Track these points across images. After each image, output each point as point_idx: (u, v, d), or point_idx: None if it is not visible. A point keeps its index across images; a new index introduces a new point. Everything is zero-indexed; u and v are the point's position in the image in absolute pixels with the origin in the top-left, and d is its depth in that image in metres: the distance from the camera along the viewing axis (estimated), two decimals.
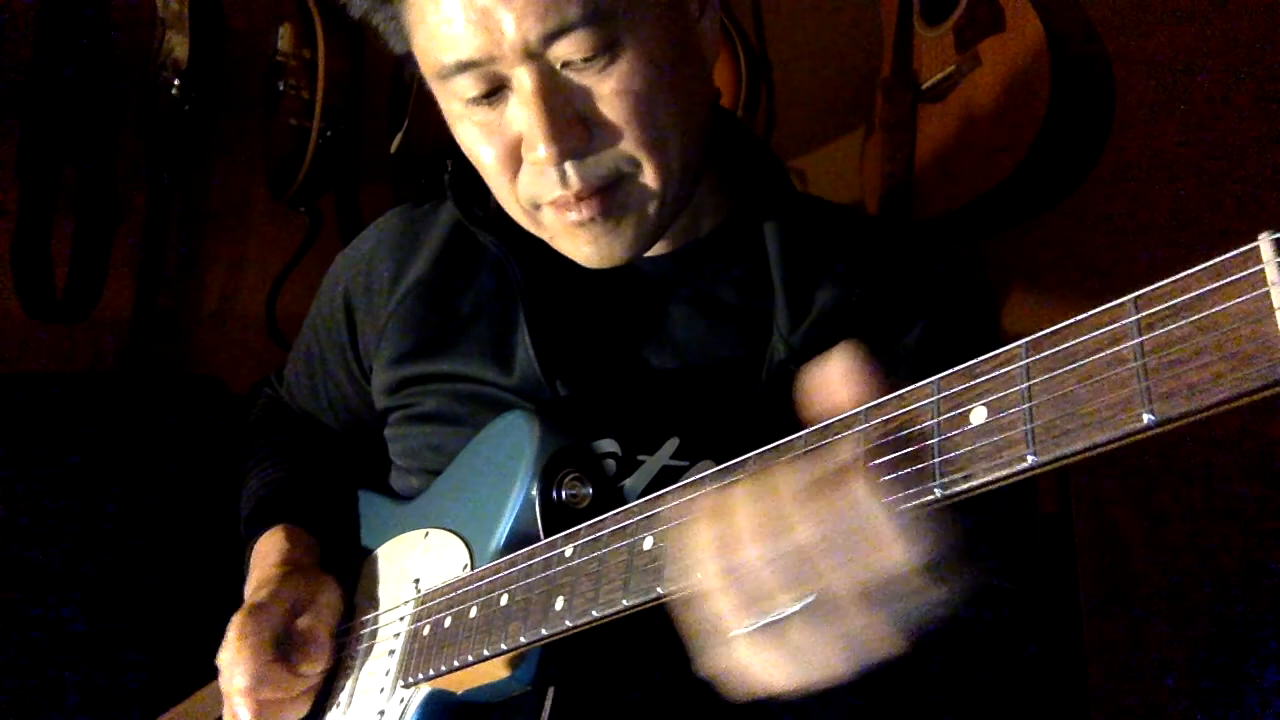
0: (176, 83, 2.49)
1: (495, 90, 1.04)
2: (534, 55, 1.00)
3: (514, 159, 1.08)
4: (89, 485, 2.26)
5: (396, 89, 2.47)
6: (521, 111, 1.04)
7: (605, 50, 1.01)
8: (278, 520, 1.38)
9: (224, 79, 2.64)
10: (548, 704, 1.05)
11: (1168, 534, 2.01)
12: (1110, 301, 0.55)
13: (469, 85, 1.04)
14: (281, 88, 2.47)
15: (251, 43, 2.62)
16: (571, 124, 1.03)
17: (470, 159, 1.13)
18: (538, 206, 1.11)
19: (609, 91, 1.03)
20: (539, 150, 1.03)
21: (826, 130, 2.43)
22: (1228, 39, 2.02)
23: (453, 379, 1.27)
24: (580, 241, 1.12)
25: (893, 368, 0.70)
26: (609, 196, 1.08)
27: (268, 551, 1.33)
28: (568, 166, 1.05)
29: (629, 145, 1.05)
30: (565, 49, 1.00)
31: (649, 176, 1.08)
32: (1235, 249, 0.51)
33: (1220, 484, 1.92)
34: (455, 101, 1.07)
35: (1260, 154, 1.97)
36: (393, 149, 2.41)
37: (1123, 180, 2.04)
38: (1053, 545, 2.03)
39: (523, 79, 1.02)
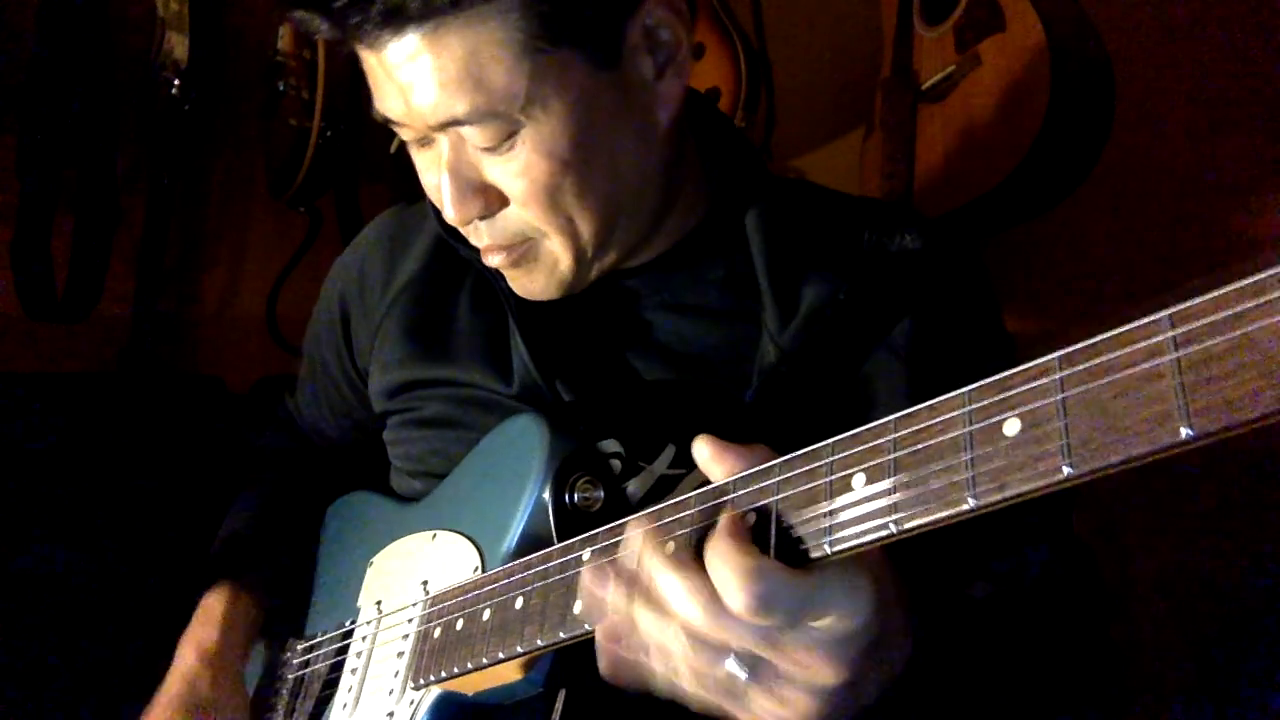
0: (176, 83, 2.49)
1: (425, 140, 1.09)
2: (441, 130, 1.05)
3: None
4: (89, 485, 2.25)
5: None
6: (436, 173, 1.09)
7: (502, 139, 1.03)
8: (227, 579, 1.43)
9: (224, 79, 2.64)
10: (559, 706, 1.05)
11: (1168, 534, 2.01)
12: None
13: (404, 133, 1.09)
14: (281, 88, 2.47)
15: (251, 43, 2.62)
16: (475, 194, 1.08)
17: None
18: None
19: (509, 174, 1.06)
20: (446, 212, 1.09)
21: (826, 130, 2.43)
22: (1228, 38, 2.02)
23: (453, 384, 1.28)
24: (507, 277, 1.19)
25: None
26: (517, 251, 1.13)
27: (209, 614, 1.41)
28: (478, 224, 1.11)
29: (532, 219, 1.09)
30: (465, 136, 1.04)
31: (555, 243, 1.12)
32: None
33: (1221, 483, 1.92)
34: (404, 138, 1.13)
35: (1261, 153, 1.97)
36: (393, 149, 2.40)
37: (1123, 180, 2.04)
38: None
39: (441, 144, 1.07)
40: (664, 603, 0.79)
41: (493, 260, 1.14)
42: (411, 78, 1.00)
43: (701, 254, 1.22)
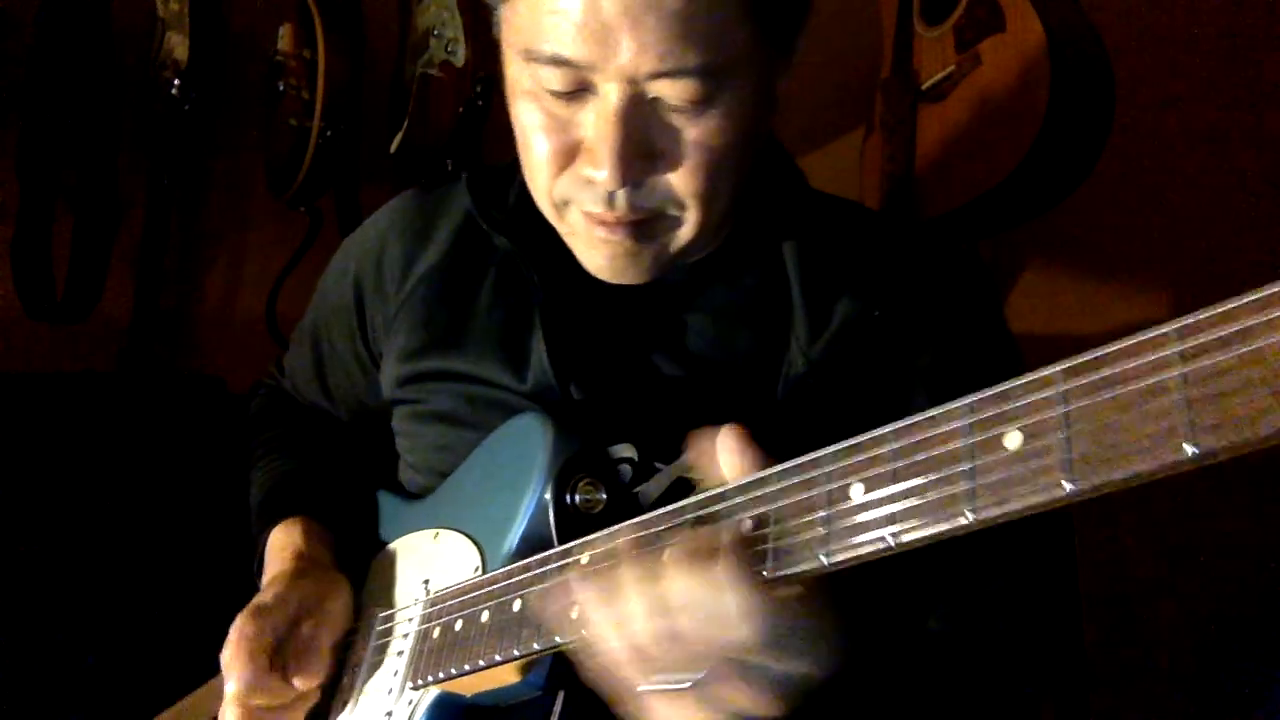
0: (176, 83, 2.49)
1: (577, 90, 1.01)
2: (634, 80, 0.98)
3: (567, 158, 1.05)
4: (89, 485, 2.25)
5: (396, 89, 2.47)
6: (597, 125, 1.01)
7: (703, 99, 0.99)
8: (292, 512, 1.36)
9: (224, 79, 2.64)
10: (557, 707, 1.04)
11: (1168, 535, 2.01)
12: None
13: (553, 78, 1.00)
14: (281, 88, 2.46)
15: (251, 43, 2.62)
16: (640, 157, 1.01)
17: (518, 138, 1.10)
18: (568, 204, 1.09)
19: (690, 139, 1.01)
20: (600, 172, 1.02)
21: (826, 130, 2.42)
22: (1228, 37, 2.02)
23: (465, 379, 1.25)
24: (598, 253, 1.11)
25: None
26: (644, 227, 1.07)
27: (283, 545, 1.32)
28: (619, 192, 1.03)
29: (684, 190, 1.04)
30: (665, 89, 0.98)
31: (689, 221, 1.07)
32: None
33: (1221, 484, 1.92)
34: (528, 81, 1.04)
35: (1260, 153, 1.98)
36: (393, 149, 2.41)
37: (1123, 180, 2.04)
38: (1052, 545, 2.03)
39: (610, 95, 0.99)
40: (661, 600, 0.80)
41: (605, 233, 1.08)
42: (653, 18, 0.94)
43: (738, 260, 1.21)
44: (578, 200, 1.07)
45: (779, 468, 0.79)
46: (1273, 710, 1.83)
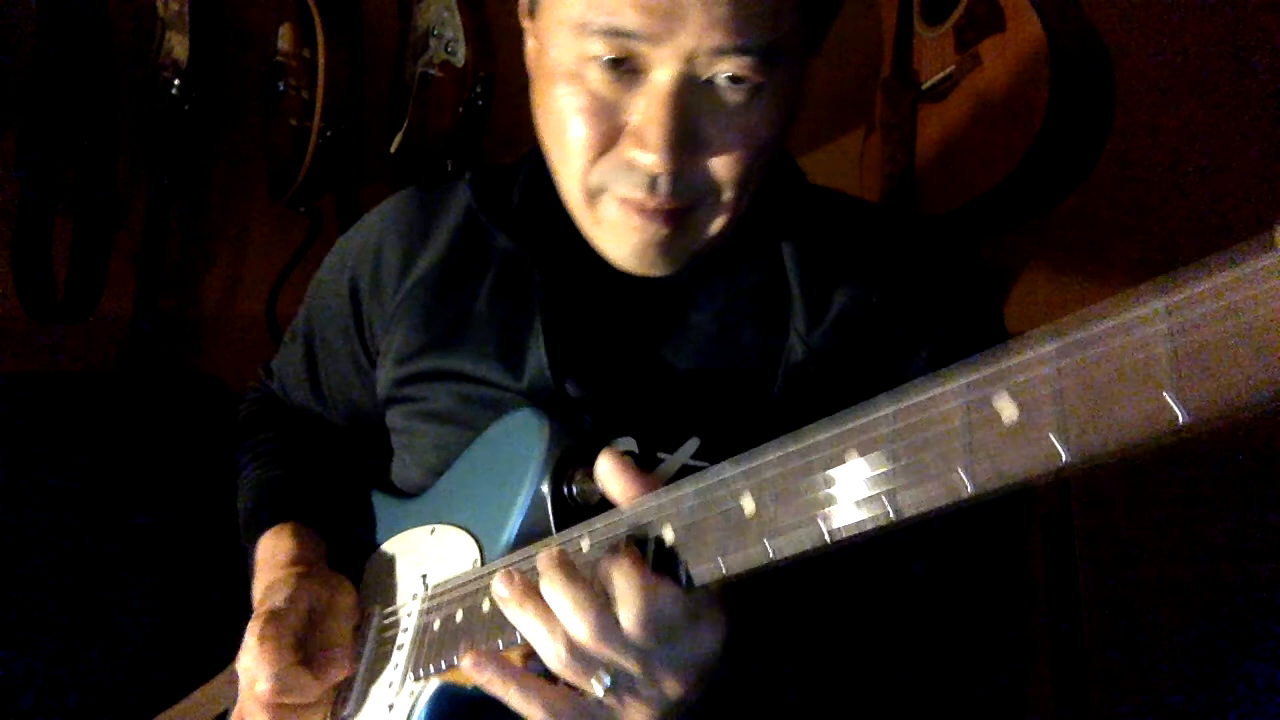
0: (176, 83, 2.50)
1: (624, 62, 1.00)
2: (692, 60, 0.98)
3: (607, 143, 1.05)
4: (89, 485, 2.25)
5: (396, 89, 2.47)
6: (647, 107, 1.01)
7: (758, 86, 1.00)
8: (280, 519, 1.36)
9: (224, 79, 2.64)
10: None
11: (1168, 534, 2.01)
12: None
13: (602, 48, 1.00)
14: (281, 88, 2.47)
15: (251, 43, 2.62)
16: (690, 141, 1.01)
17: (550, 126, 1.10)
18: (602, 191, 1.09)
19: (739, 125, 1.02)
20: (648, 155, 1.01)
21: (826, 130, 2.42)
22: (1229, 37, 2.02)
23: (462, 379, 1.25)
24: (628, 242, 1.11)
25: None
26: (681, 215, 1.07)
27: (275, 552, 1.31)
28: (660, 179, 1.03)
29: (724, 178, 1.05)
30: (724, 67, 0.98)
31: (723, 211, 1.08)
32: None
33: (1221, 483, 1.92)
34: (572, 58, 1.03)
35: (1262, 152, 1.98)
36: (393, 149, 2.41)
37: (1123, 180, 2.04)
38: (1053, 545, 2.03)
39: (664, 75, 0.99)
40: (552, 615, 0.89)
41: (640, 220, 1.07)
42: None
43: (739, 255, 1.21)
44: (615, 187, 1.07)
45: (776, 441, 0.80)
46: (1273, 710, 1.82)
